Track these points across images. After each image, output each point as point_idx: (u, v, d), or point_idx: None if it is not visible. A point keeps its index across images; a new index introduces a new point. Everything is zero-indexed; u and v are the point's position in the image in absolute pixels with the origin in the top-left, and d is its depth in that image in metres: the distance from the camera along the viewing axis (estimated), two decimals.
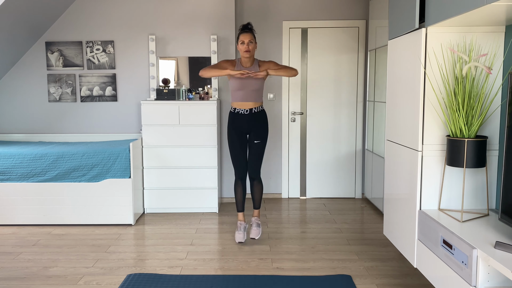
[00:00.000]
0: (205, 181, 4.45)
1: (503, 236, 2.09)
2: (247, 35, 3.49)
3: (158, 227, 4.07)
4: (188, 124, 4.37)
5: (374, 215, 4.41)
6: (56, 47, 4.72)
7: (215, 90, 4.70)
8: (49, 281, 2.94)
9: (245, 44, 3.48)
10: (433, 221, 2.39)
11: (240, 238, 3.61)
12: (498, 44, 2.48)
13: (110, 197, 4.07)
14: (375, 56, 4.59)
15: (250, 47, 3.48)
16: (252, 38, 3.50)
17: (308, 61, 4.92)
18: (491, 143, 2.54)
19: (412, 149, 2.66)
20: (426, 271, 2.47)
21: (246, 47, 3.47)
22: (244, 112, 3.55)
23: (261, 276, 2.97)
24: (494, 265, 1.83)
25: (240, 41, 3.51)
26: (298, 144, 5.02)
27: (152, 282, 2.87)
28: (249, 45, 3.47)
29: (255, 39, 3.54)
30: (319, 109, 4.97)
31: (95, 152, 4.06)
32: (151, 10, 4.69)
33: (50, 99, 4.79)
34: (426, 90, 2.52)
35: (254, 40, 3.52)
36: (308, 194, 5.08)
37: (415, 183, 2.61)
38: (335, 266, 3.16)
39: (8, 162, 4.01)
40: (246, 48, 3.47)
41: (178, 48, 4.72)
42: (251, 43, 3.48)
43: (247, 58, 3.52)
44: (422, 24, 2.54)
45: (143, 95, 4.78)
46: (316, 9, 4.85)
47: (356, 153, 5.01)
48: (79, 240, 3.74)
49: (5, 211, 4.07)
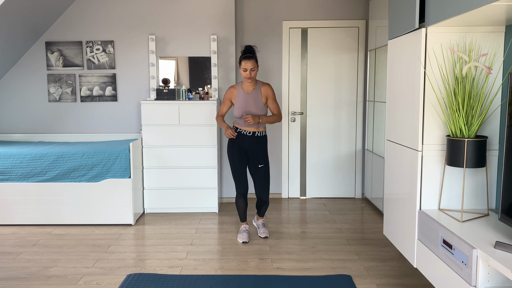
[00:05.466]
0: (205, 181, 4.45)
1: (503, 236, 2.09)
2: (249, 63, 3.48)
3: (158, 227, 4.07)
4: (188, 124, 4.37)
5: (374, 215, 4.41)
6: (56, 47, 4.72)
7: (215, 90, 4.70)
8: (49, 281, 2.94)
9: (247, 71, 3.49)
10: (433, 221, 2.39)
11: (244, 238, 3.65)
12: (498, 44, 2.48)
13: (110, 197, 4.07)
14: (375, 56, 4.59)
15: (252, 74, 3.51)
16: (254, 65, 3.50)
17: (308, 61, 4.92)
18: (491, 143, 2.54)
19: (412, 149, 2.66)
20: (426, 271, 2.47)
21: (249, 74, 3.50)
22: (247, 133, 3.59)
23: (261, 276, 2.97)
24: (494, 265, 1.82)
25: (242, 68, 3.51)
26: (298, 144, 5.02)
27: (152, 282, 2.87)
28: (251, 73, 3.50)
29: (257, 64, 3.54)
30: (319, 109, 4.97)
31: (95, 152, 4.06)
32: (151, 10, 4.69)
33: (50, 99, 4.79)
34: (426, 90, 2.52)
35: (256, 67, 3.52)
36: (308, 194, 5.08)
37: (415, 183, 2.61)
38: (335, 266, 3.16)
39: (8, 162, 4.01)
40: (249, 75, 3.50)
41: (178, 48, 4.72)
42: (253, 71, 3.50)
43: (249, 83, 3.58)
44: (422, 24, 2.53)
45: (143, 95, 4.78)
46: (316, 9, 4.85)
47: (356, 153, 5.01)
48: (79, 240, 3.74)
49: (5, 211, 4.07)
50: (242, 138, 3.61)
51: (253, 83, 3.60)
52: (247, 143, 3.60)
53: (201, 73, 4.74)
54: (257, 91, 3.59)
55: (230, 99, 3.66)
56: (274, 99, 3.64)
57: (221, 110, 3.70)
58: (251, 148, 3.61)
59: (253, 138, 3.60)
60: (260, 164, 3.63)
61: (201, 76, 4.75)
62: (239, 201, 3.73)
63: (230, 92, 3.65)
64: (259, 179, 3.65)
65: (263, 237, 3.70)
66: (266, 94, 3.60)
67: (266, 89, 3.60)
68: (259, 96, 3.58)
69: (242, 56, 3.53)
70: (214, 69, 4.68)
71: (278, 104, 3.69)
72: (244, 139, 3.60)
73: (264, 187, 3.67)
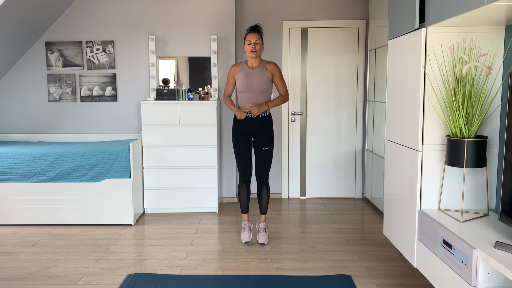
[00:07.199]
0: (205, 181, 4.45)
1: (503, 236, 2.09)
2: (254, 35, 3.49)
3: (158, 227, 4.07)
4: (188, 124, 4.37)
5: (374, 215, 4.41)
6: (56, 47, 4.72)
7: (215, 90, 4.70)
8: (49, 281, 2.94)
9: (251, 44, 3.47)
10: (433, 221, 2.39)
11: (246, 238, 3.60)
12: (498, 44, 2.48)
13: (110, 197, 4.07)
14: (375, 56, 4.59)
15: (256, 47, 3.47)
16: (258, 38, 3.49)
17: (308, 61, 4.92)
18: (491, 143, 2.54)
19: (412, 149, 2.66)
20: (426, 271, 2.47)
21: (253, 46, 3.47)
22: (251, 115, 3.54)
23: (261, 276, 2.97)
24: (494, 265, 1.82)
25: (246, 41, 3.51)
26: (298, 144, 5.02)
27: (152, 282, 2.87)
28: (255, 45, 3.47)
29: (262, 40, 3.52)
30: (319, 109, 4.97)
31: (95, 152, 4.06)
32: (151, 10, 4.69)
33: (50, 99, 4.79)
34: (426, 90, 2.52)
35: (261, 41, 3.50)
36: (308, 194, 5.08)
37: (415, 183, 2.61)
38: (335, 266, 3.16)
39: (8, 162, 4.01)
40: (253, 48, 3.47)
41: (178, 48, 4.72)
42: (257, 44, 3.48)
43: (253, 58, 3.52)
44: (422, 24, 2.54)
45: (143, 95, 4.78)
46: (316, 9, 4.85)
47: (356, 153, 5.01)
48: (79, 240, 3.74)
49: (5, 211, 4.07)
50: (246, 122, 3.55)
51: (257, 61, 3.54)
52: (252, 126, 3.55)
53: (201, 73, 4.74)
54: (262, 68, 3.54)
55: (234, 77, 3.60)
56: (281, 77, 3.59)
57: (227, 90, 3.65)
58: (257, 131, 3.56)
59: (258, 121, 3.54)
60: (264, 147, 3.58)
61: (201, 76, 4.75)
62: (242, 189, 3.70)
63: (233, 70, 3.60)
64: (260, 161, 3.61)
65: (260, 243, 3.59)
66: (272, 71, 3.54)
67: (272, 67, 3.55)
68: (265, 72, 3.52)
69: (247, 31, 3.53)
70: (214, 69, 4.68)
71: (285, 83, 3.64)
72: (249, 123, 3.55)
73: (264, 169, 3.62)
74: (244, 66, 3.57)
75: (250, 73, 3.52)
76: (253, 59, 3.53)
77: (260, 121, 3.55)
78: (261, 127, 3.56)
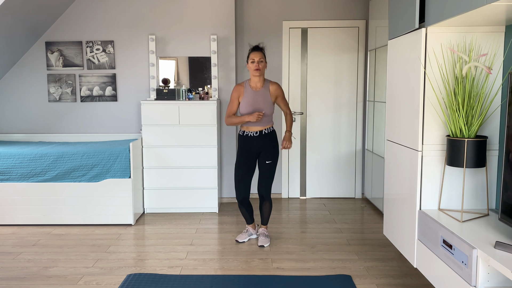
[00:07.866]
0: (205, 181, 4.45)
1: (503, 236, 2.09)
2: (257, 54, 3.47)
3: (158, 227, 4.07)
4: (188, 124, 4.37)
5: (374, 215, 4.41)
6: (56, 47, 4.72)
7: (215, 90, 4.70)
8: (49, 281, 2.94)
9: (255, 62, 3.45)
10: (433, 221, 2.39)
11: (241, 238, 3.65)
12: (498, 44, 2.48)
13: (110, 197, 4.07)
14: (375, 56, 4.59)
15: (260, 66, 3.46)
16: (262, 56, 3.48)
17: (308, 61, 4.92)
18: (491, 143, 2.54)
19: (412, 149, 2.66)
20: (426, 271, 2.47)
21: (256, 65, 3.45)
22: (254, 134, 3.53)
23: (261, 276, 2.97)
24: (494, 265, 1.83)
25: (250, 59, 3.48)
26: (298, 144, 5.02)
27: (152, 282, 2.87)
28: (259, 64, 3.46)
29: (265, 58, 3.52)
30: (319, 109, 4.97)
31: (95, 152, 4.06)
32: (151, 10, 4.69)
33: (50, 99, 4.79)
34: (426, 90, 2.52)
35: (264, 59, 3.50)
36: (308, 194, 5.08)
37: (415, 183, 2.61)
38: (335, 266, 3.16)
39: (8, 162, 4.01)
40: (256, 66, 3.45)
41: (178, 48, 4.72)
42: (261, 62, 3.47)
43: (257, 77, 3.50)
44: (422, 24, 2.53)
45: (143, 95, 4.78)
46: (316, 9, 4.85)
47: (356, 153, 5.01)
48: (79, 240, 3.74)
49: (5, 211, 4.07)
50: (250, 141, 3.54)
51: (261, 80, 3.53)
52: (256, 144, 3.54)
53: (201, 73, 4.74)
54: (265, 89, 3.54)
55: (238, 97, 3.57)
56: (283, 97, 3.62)
57: (230, 111, 3.59)
58: (262, 147, 3.54)
59: (261, 138, 3.53)
60: (268, 160, 3.58)
61: (201, 76, 4.75)
62: (241, 208, 3.69)
63: (237, 90, 3.57)
64: (264, 176, 3.60)
65: (259, 245, 3.57)
66: (276, 93, 3.56)
67: (275, 88, 3.56)
68: (268, 94, 3.53)
69: (250, 50, 3.53)
70: (214, 69, 4.68)
71: (287, 102, 3.71)
72: (252, 141, 3.54)
73: (265, 183, 3.61)
74: (247, 87, 3.55)
75: (254, 96, 3.51)
76: (256, 77, 3.51)
77: (265, 138, 3.55)
78: (267, 143, 3.55)
